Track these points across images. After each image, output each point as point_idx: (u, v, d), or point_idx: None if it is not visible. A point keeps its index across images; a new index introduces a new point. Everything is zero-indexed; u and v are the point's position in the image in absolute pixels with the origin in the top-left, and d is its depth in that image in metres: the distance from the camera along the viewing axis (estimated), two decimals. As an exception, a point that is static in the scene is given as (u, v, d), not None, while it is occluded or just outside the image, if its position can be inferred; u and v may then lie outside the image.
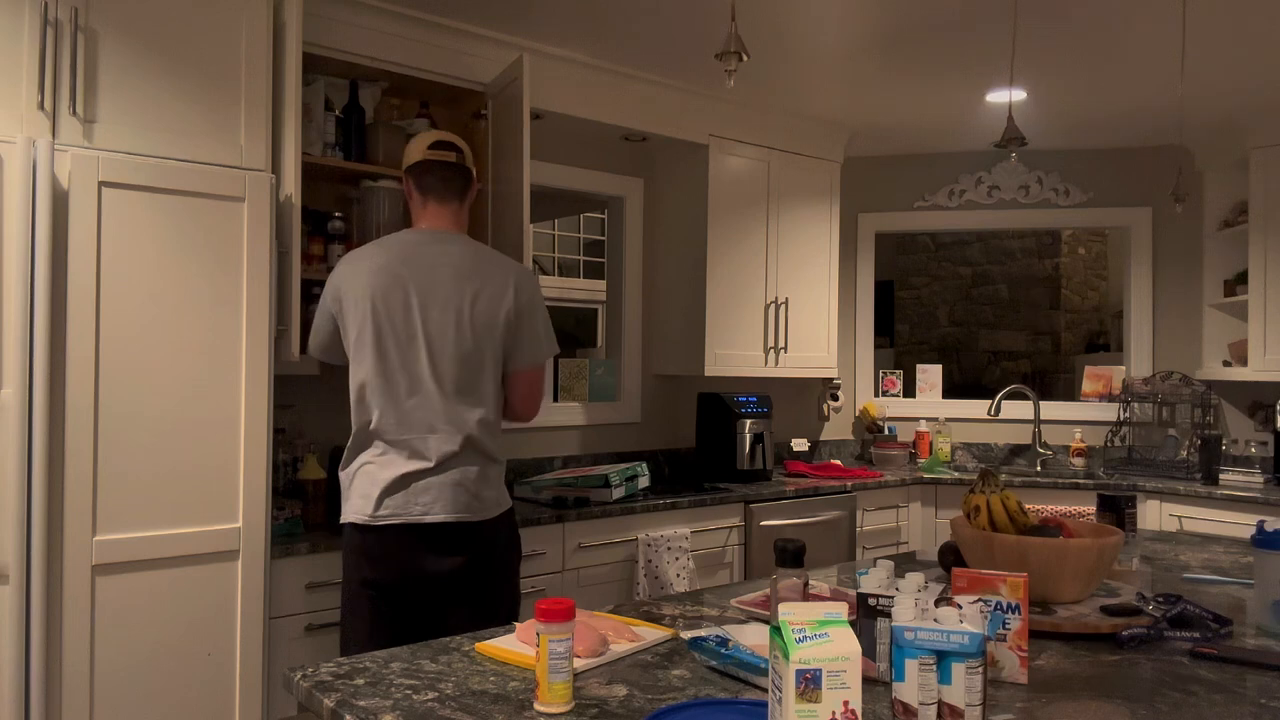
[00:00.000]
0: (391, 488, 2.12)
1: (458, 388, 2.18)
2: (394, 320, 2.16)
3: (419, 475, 2.13)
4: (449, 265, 2.22)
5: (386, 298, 2.16)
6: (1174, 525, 3.91)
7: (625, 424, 4.05)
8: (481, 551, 2.19)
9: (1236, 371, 4.25)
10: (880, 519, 4.16)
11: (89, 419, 2.14)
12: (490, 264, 2.27)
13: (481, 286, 2.22)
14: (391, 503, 2.12)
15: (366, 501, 2.13)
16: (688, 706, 1.27)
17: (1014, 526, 1.87)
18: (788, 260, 4.24)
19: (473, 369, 2.21)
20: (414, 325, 2.17)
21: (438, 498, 2.13)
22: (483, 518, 2.19)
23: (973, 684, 1.19)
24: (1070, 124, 4.32)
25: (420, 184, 2.31)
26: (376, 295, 2.17)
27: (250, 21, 2.42)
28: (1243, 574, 2.21)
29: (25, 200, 2.04)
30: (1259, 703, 1.35)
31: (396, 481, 2.12)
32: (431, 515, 2.12)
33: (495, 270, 2.26)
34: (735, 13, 3.07)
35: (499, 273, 2.26)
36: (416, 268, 2.20)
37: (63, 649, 2.11)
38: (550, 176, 3.81)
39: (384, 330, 2.16)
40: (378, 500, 2.12)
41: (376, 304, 2.16)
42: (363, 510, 2.13)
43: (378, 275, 2.18)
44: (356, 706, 1.29)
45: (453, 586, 2.17)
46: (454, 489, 2.15)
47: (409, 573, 2.13)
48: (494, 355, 2.24)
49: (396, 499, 2.12)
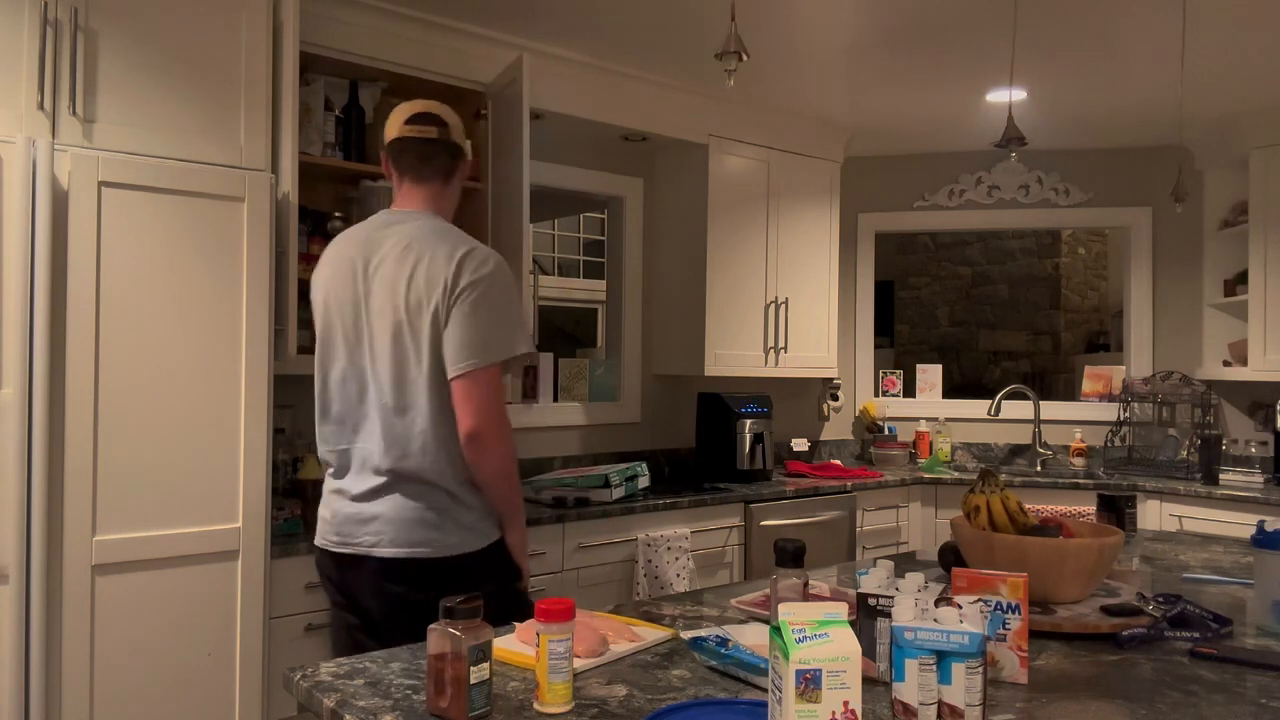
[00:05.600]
0: (337, 513, 1.90)
1: (394, 393, 1.86)
2: (344, 317, 1.92)
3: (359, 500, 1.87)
4: (395, 245, 1.89)
5: (337, 291, 1.93)
6: (1174, 525, 3.91)
7: (625, 424, 4.05)
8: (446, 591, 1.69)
9: (1236, 371, 4.25)
10: (880, 519, 4.16)
11: (89, 419, 2.14)
12: (438, 239, 1.88)
13: (417, 264, 1.85)
14: (342, 529, 1.89)
15: (324, 525, 1.94)
16: (688, 706, 1.27)
17: (1014, 526, 1.86)
18: (788, 260, 4.24)
19: (405, 369, 1.86)
20: (360, 322, 1.90)
21: (382, 530, 1.84)
22: (443, 554, 1.84)
23: (973, 684, 1.19)
24: (1070, 124, 4.32)
25: (398, 163, 2.00)
26: (330, 289, 1.95)
27: (250, 21, 2.42)
28: (1243, 574, 2.21)
29: (25, 200, 2.04)
30: (1259, 703, 1.34)
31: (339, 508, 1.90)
32: (380, 549, 1.84)
33: (440, 246, 1.86)
34: (735, 13, 3.07)
35: (444, 249, 1.86)
36: (367, 252, 1.91)
37: (62, 649, 2.11)
38: (550, 176, 3.81)
39: (332, 329, 1.94)
40: (331, 525, 1.92)
41: (329, 299, 1.95)
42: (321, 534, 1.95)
43: (330, 266, 1.97)
44: (356, 706, 1.29)
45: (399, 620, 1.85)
46: (397, 524, 1.84)
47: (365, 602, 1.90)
48: (429, 350, 1.84)
49: (345, 527, 1.89)
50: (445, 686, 1.23)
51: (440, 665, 1.23)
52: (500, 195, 3.05)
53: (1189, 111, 4.10)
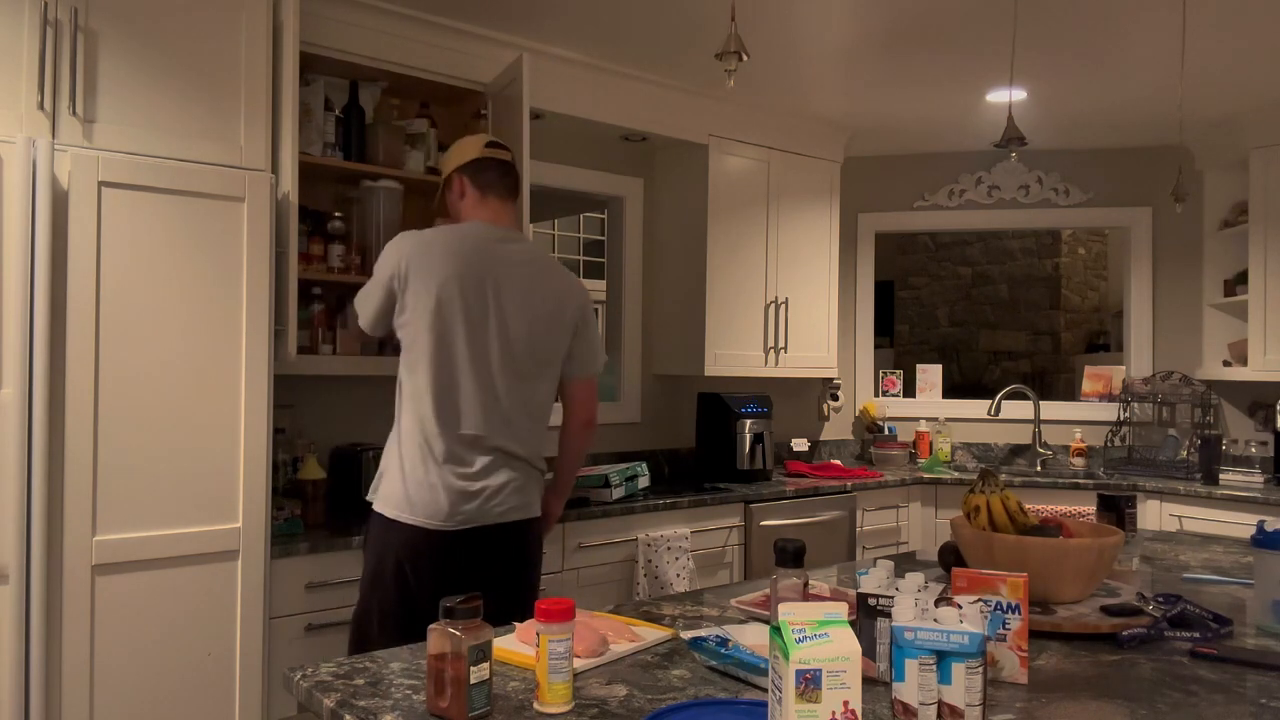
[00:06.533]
0: (452, 490, 2.13)
1: (519, 389, 2.21)
2: (470, 309, 2.16)
3: (474, 477, 2.15)
4: (524, 265, 2.24)
5: (463, 284, 2.15)
6: (1174, 525, 3.91)
7: (625, 424, 4.05)
8: (526, 552, 2.24)
9: (1236, 371, 4.25)
10: (880, 519, 4.16)
11: (89, 419, 2.14)
12: (556, 269, 2.32)
13: (552, 290, 2.27)
14: (466, 508, 2.13)
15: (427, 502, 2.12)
16: (688, 706, 1.27)
17: (1014, 526, 1.86)
18: (788, 260, 4.24)
19: (536, 372, 2.24)
20: (489, 318, 2.18)
21: (493, 500, 2.16)
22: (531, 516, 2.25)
23: (973, 684, 1.19)
24: (1070, 124, 4.32)
25: (479, 180, 2.31)
26: (452, 280, 2.15)
27: (250, 21, 2.42)
28: (1243, 574, 2.21)
29: (25, 200, 2.04)
30: (1259, 703, 1.34)
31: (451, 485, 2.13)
32: (499, 516, 2.16)
33: (561, 276, 2.32)
34: (735, 13, 3.07)
35: (564, 278, 2.32)
36: (493, 261, 2.20)
37: (63, 649, 2.11)
38: (550, 176, 3.81)
39: (454, 318, 2.15)
40: (449, 504, 2.12)
41: (451, 288, 2.15)
42: (426, 511, 2.12)
43: (453, 260, 2.17)
44: (356, 706, 1.29)
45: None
46: (510, 493, 2.19)
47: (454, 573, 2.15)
48: (557, 361, 2.28)
49: (460, 502, 2.13)
50: (445, 686, 1.23)
51: (440, 665, 1.23)
52: (500, 195, 3.05)
53: (1189, 111, 4.10)
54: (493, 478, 2.17)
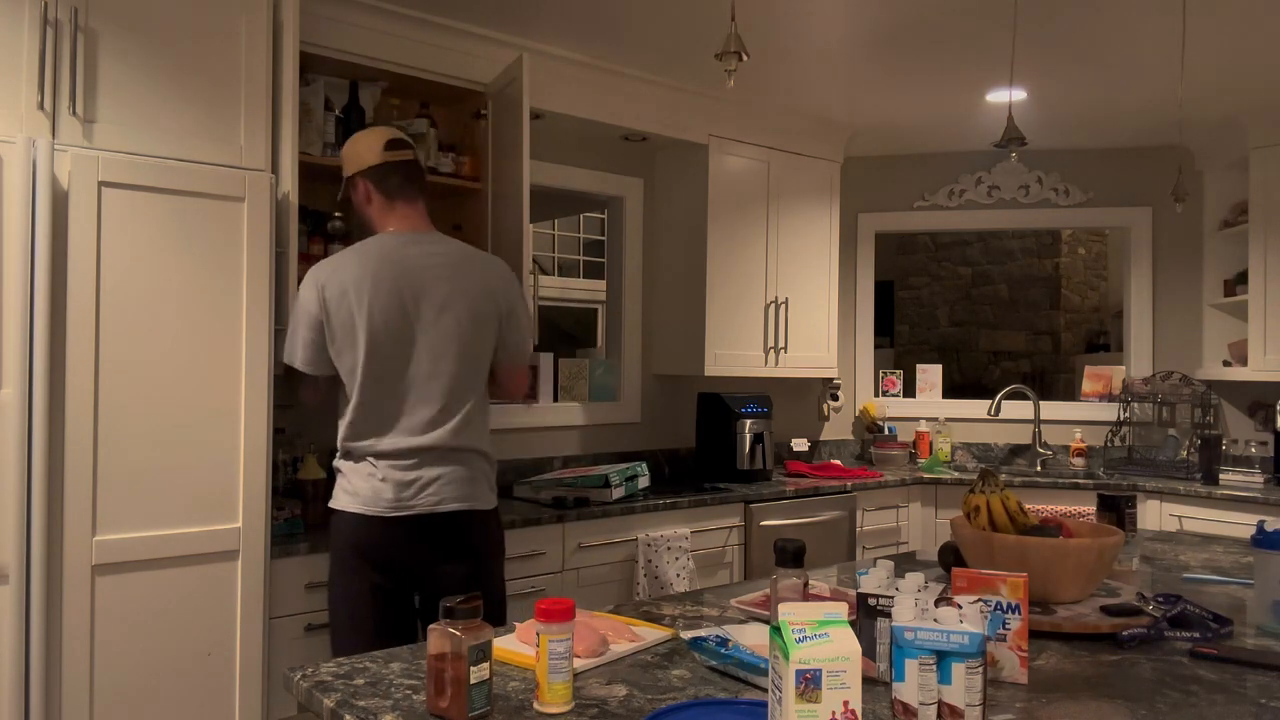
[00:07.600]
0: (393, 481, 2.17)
1: (456, 390, 2.22)
2: (393, 324, 2.17)
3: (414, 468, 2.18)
4: (443, 266, 2.25)
5: (385, 301, 2.17)
6: (1174, 525, 3.91)
7: (625, 424, 4.05)
8: (473, 542, 2.26)
9: (1236, 371, 4.25)
10: (880, 519, 4.16)
11: (89, 419, 2.14)
12: (476, 262, 2.31)
13: (476, 285, 2.27)
14: (404, 496, 2.16)
15: (375, 497, 2.16)
16: (688, 706, 1.27)
17: (1014, 526, 1.87)
18: (788, 260, 4.24)
19: (470, 368, 2.25)
20: (415, 329, 2.19)
21: (441, 489, 2.19)
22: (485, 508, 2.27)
23: (973, 684, 1.19)
24: (1070, 124, 4.32)
25: (384, 186, 2.30)
26: (373, 299, 2.16)
27: (250, 21, 2.42)
28: (1243, 574, 2.21)
29: (25, 200, 2.04)
30: (1259, 703, 1.35)
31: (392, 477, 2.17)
32: (444, 505, 2.18)
33: (483, 268, 2.31)
34: (735, 13, 3.07)
35: (486, 270, 2.31)
36: (409, 270, 2.21)
37: (62, 649, 2.11)
38: (550, 176, 3.81)
39: (381, 335, 2.17)
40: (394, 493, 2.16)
41: (373, 307, 2.16)
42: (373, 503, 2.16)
43: (369, 280, 2.18)
44: (356, 706, 1.29)
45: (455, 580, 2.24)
46: (456, 484, 2.21)
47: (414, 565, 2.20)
48: (487, 352, 2.30)
49: (407, 493, 2.17)
50: (445, 686, 1.23)
51: (440, 665, 1.23)
52: (500, 195, 3.05)
53: (1189, 111, 4.10)
54: (436, 468, 2.19)
